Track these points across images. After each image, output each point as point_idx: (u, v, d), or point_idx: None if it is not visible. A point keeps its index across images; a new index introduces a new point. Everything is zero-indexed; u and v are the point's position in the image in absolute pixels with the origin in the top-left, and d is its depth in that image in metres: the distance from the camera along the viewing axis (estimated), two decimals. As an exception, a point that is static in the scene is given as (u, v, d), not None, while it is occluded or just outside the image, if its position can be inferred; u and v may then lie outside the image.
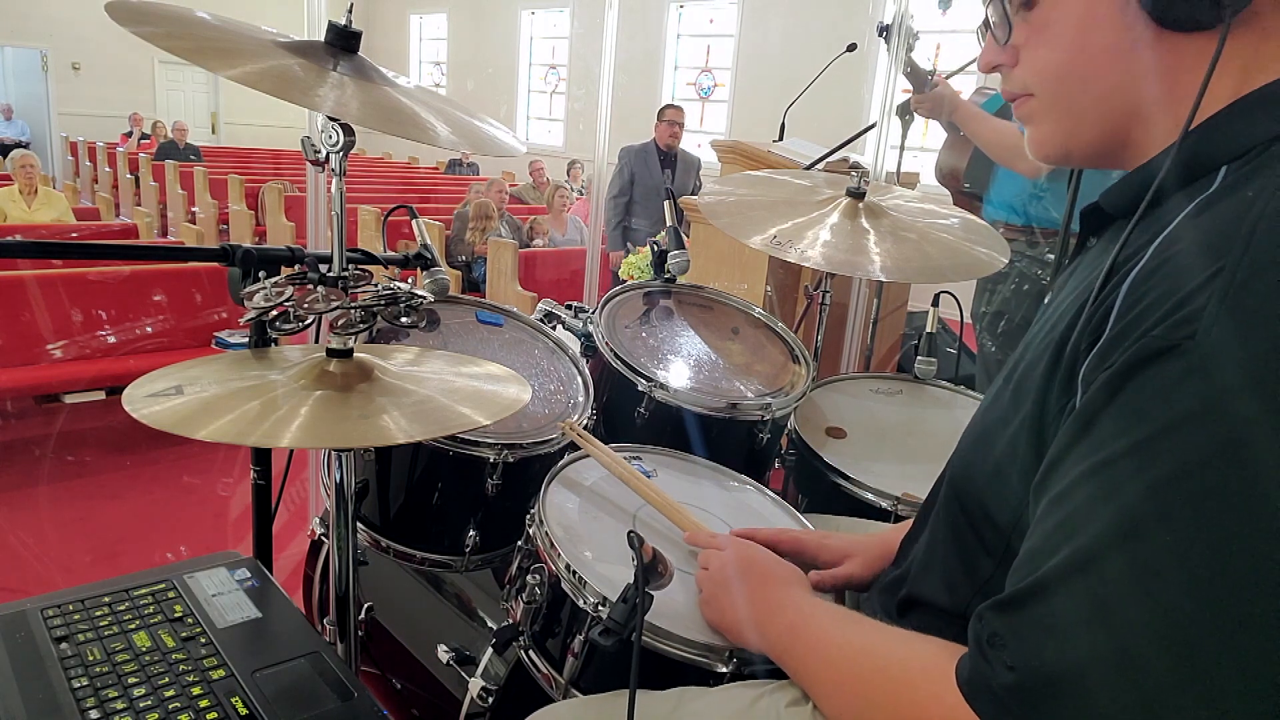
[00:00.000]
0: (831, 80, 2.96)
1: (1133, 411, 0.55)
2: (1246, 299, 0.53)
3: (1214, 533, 0.51)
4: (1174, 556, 0.51)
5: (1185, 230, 0.59)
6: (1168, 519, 0.52)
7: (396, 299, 1.18)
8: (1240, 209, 0.57)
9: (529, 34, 13.48)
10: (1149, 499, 0.53)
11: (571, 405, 1.52)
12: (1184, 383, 0.53)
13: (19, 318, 3.66)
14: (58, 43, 12.89)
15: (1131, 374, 0.55)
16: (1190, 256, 0.57)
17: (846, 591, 1.08)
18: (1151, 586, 0.52)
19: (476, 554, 1.43)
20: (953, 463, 0.83)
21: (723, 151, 2.89)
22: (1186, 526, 0.51)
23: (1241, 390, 0.51)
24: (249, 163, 10.88)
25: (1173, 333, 0.54)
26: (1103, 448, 0.56)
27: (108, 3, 0.98)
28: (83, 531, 3.05)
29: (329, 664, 0.96)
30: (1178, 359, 0.53)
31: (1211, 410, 0.52)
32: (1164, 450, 0.53)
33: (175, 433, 0.86)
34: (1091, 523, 0.55)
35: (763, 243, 1.59)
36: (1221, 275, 0.54)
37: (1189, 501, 0.52)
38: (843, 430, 1.67)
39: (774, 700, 0.87)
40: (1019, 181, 2.38)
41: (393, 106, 1.07)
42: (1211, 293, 0.54)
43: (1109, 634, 0.52)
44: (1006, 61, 0.74)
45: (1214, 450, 0.51)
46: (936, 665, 0.64)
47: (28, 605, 1.01)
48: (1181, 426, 0.53)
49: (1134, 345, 0.56)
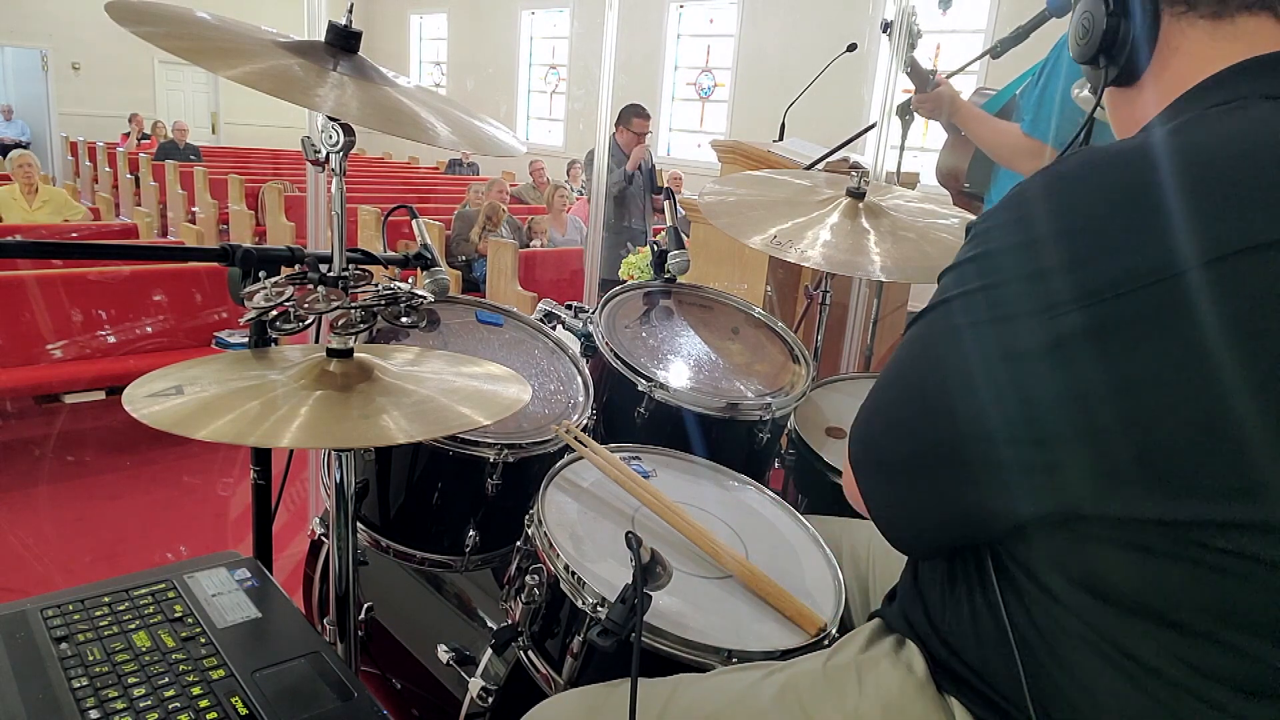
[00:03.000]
0: (831, 80, 2.96)
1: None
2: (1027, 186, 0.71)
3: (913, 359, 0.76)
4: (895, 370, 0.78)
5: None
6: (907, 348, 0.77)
7: (396, 299, 1.18)
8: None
9: (529, 34, 13.48)
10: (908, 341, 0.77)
11: (571, 405, 1.52)
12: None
13: (19, 318, 3.66)
14: (58, 43, 12.89)
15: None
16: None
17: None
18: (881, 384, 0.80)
19: (476, 554, 1.43)
20: None
21: (723, 151, 2.89)
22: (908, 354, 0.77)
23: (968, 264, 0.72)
24: (249, 163, 10.88)
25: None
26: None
27: (108, 3, 0.98)
28: (83, 531, 3.05)
29: (329, 664, 0.96)
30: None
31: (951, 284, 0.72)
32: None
33: (175, 433, 0.86)
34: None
35: (763, 243, 1.59)
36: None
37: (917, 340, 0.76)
38: (843, 430, 1.67)
39: (769, 684, 0.88)
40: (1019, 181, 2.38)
41: (393, 106, 1.07)
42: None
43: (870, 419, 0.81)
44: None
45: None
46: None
47: (28, 605, 1.01)
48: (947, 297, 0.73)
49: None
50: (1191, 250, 0.59)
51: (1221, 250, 0.59)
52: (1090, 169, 0.67)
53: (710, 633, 1.01)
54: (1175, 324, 0.59)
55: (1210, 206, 0.61)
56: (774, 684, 0.88)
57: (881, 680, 0.83)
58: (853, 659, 0.87)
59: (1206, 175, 0.62)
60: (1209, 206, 0.61)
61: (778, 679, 0.88)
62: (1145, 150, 0.65)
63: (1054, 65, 2.22)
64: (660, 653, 0.98)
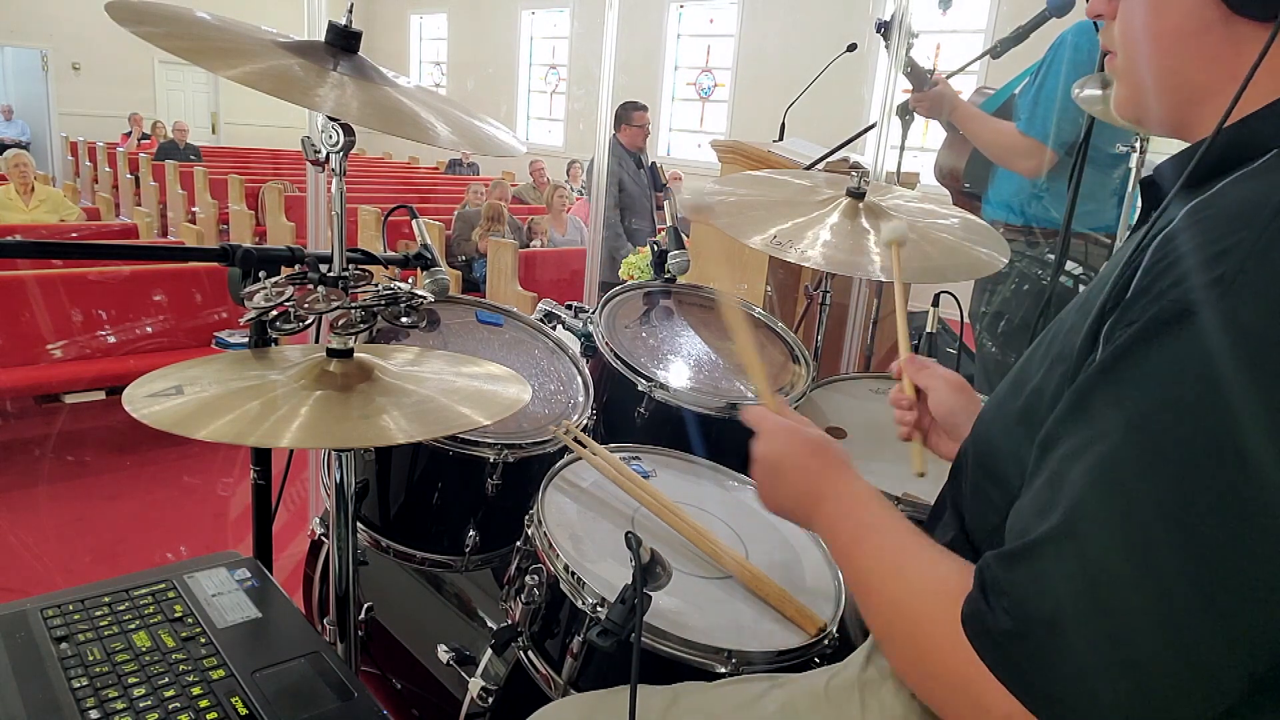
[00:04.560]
0: (831, 80, 2.95)
1: (1137, 376, 0.56)
2: (1263, 268, 0.53)
3: (1200, 490, 0.53)
4: (1161, 514, 0.54)
5: (1218, 197, 0.60)
6: (1155, 477, 0.54)
7: (396, 299, 1.18)
8: (1274, 183, 0.58)
9: (529, 34, 13.48)
10: (1139, 459, 0.55)
11: (571, 405, 1.52)
12: (1188, 348, 0.54)
13: (19, 318, 3.65)
14: (58, 43, 12.88)
15: (1143, 338, 0.57)
16: (1217, 221, 0.57)
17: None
18: (1136, 546, 0.54)
19: (476, 554, 1.43)
20: (976, 427, 0.84)
21: (723, 151, 2.88)
22: (1175, 483, 0.54)
23: (1244, 355, 0.52)
24: (249, 163, 10.87)
25: (1186, 296, 0.55)
26: (1106, 415, 0.58)
27: (108, 3, 0.98)
28: (83, 531, 3.05)
29: (329, 664, 0.96)
30: (1186, 324, 0.54)
31: (1210, 376, 0.53)
32: (1160, 415, 0.55)
33: (175, 433, 0.86)
34: (1082, 480, 0.57)
35: (763, 243, 1.59)
36: (1243, 244, 0.54)
37: (1176, 458, 0.54)
38: (843, 430, 1.67)
39: (770, 700, 0.87)
40: (1018, 181, 2.38)
41: (393, 106, 1.07)
42: (1230, 261, 0.54)
43: (1094, 590, 0.56)
44: (1107, 14, 0.75)
45: (1210, 412, 0.53)
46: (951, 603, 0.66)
47: (28, 605, 1.00)
48: (1180, 392, 0.54)
49: (1151, 306, 0.57)
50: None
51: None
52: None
53: (710, 633, 1.01)
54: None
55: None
56: (775, 700, 0.87)
57: (885, 702, 0.81)
58: (855, 678, 0.85)
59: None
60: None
61: (779, 695, 0.88)
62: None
63: (1052, 64, 2.22)
64: (660, 653, 0.98)
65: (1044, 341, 0.75)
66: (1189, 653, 0.53)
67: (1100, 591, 0.55)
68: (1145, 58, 0.71)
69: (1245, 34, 0.64)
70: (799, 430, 0.91)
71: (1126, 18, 0.72)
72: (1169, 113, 0.72)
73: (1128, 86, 0.74)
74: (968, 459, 0.82)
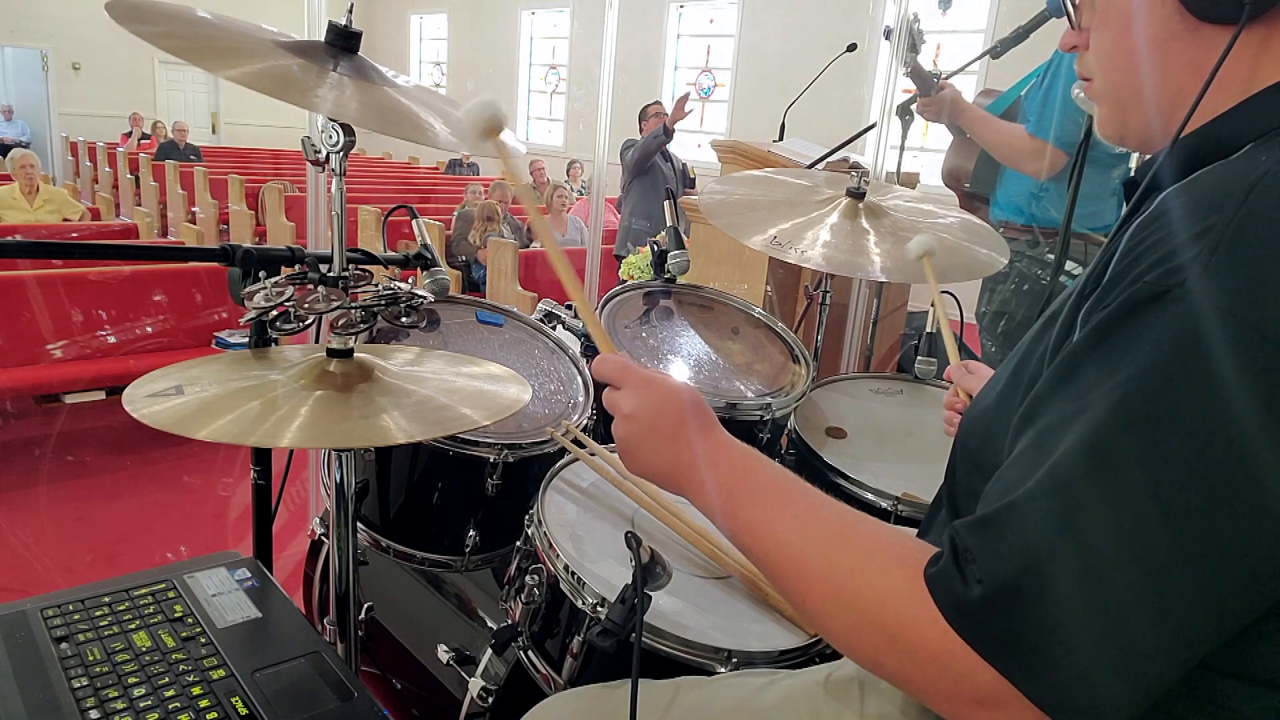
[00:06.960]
0: (831, 80, 2.96)
1: (1117, 353, 0.57)
2: (1236, 249, 0.55)
3: (1182, 458, 0.54)
4: (1143, 478, 0.54)
5: (1193, 185, 0.61)
6: (1139, 444, 0.55)
7: (396, 299, 1.18)
8: (1246, 169, 0.59)
9: (529, 34, 13.48)
10: (1123, 428, 0.55)
11: (571, 405, 1.52)
12: (1167, 328, 0.55)
13: (19, 318, 3.65)
14: (58, 43, 12.88)
15: (1120, 319, 0.58)
16: (1190, 207, 0.58)
17: None
18: (1119, 506, 0.55)
19: (476, 554, 1.43)
20: (965, 424, 0.83)
21: (723, 151, 2.88)
22: (1157, 450, 0.54)
23: (1220, 335, 0.53)
24: (249, 163, 10.87)
25: (1163, 279, 0.56)
26: (1086, 389, 0.58)
27: (108, 3, 0.98)
28: (83, 531, 3.05)
29: (329, 664, 0.96)
30: (1164, 306, 0.56)
31: (1189, 354, 0.54)
32: (1141, 387, 0.56)
33: (175, 433, 0.86)
34: (1064, 446, 0.57)
35: (763, 243, 1.59)
36: (1215, 227, 0.56)
37: (1159, 427, 0.54)
38: (843, 430, 1.67)
39: (770, 693, 0.87)
40: (1024, 182, 2.38)
41: (392, 107, 1.07)
42: (1204, 243, 0.55)
43: (1076, 549, 0.55)
44: (1080, 44, 0.77)
45: (1189, 387, 0.54)
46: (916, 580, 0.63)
47: (28, 605, 1.01)
48: (1160, 367, 0.55)
49: (1127, 289, 0.58)
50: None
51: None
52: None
53: (710, 633, 1.01)
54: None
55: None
56: (776, 693, 0.87)
57: (884, 699, 0.82)
58: (855, 673, 0.86)
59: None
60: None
61: (779, 688, 0.88)
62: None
63: (1057, 66, 2.22)
64: (660, 653, 0.98)
65: (1043, 340, 0.75)
66: (1169, 609, 0.54)
67: (1082, 549, 0.55)
68: (1123, 73, 0.72)
69: (1212, 38, 0.66)
70: (672, 382, 0.84)
71: (1099, 41, 0.74)
72: (1151, 123, 0.73)
73: (1109, 106, 0.76)
74: (959, 456, 0.82)
